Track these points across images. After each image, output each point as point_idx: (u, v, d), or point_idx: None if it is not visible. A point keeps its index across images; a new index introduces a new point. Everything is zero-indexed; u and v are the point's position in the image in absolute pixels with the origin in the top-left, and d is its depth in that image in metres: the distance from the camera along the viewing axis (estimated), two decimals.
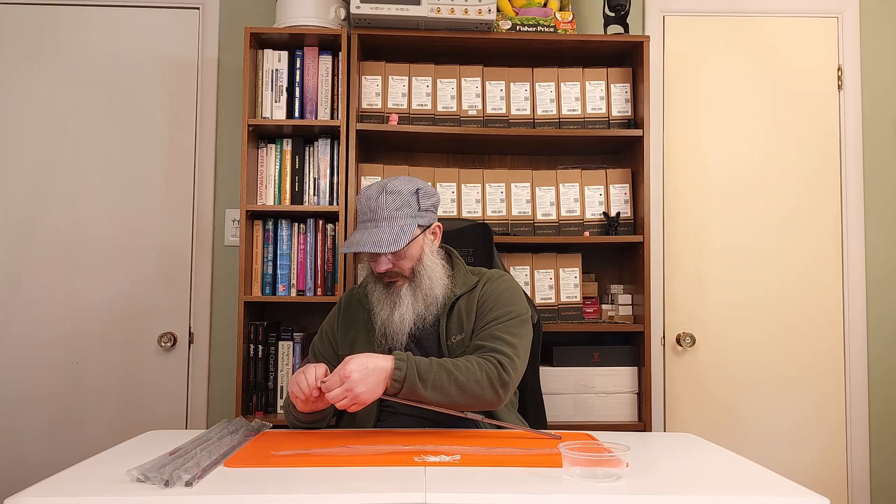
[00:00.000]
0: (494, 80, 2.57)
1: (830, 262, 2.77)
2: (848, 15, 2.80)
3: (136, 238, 2.70)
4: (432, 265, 1.71)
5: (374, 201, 1.65)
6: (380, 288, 1.70)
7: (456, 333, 1.70)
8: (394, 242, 1.61)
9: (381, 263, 1.66)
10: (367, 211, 1.66)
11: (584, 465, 1.20)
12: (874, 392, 2.73)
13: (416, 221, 1.67)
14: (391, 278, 1.68)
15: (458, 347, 1.69)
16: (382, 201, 1.64)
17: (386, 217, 1.64)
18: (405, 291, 1.68)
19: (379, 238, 1.61)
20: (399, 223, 1.64)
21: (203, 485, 1.15)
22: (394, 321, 1.66)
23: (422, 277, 1.68)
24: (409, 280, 1.69)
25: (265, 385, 2.45)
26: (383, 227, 1.63)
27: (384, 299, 1.69)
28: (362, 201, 1.68)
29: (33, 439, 2.64)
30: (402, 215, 1.65)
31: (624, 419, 2.45)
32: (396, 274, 1.68)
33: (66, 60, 2.73)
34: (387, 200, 1.64)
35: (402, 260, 1.67)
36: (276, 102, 2.49)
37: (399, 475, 1.20)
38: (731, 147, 2.79)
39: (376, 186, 1.68)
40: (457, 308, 1.73)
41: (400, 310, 1.66)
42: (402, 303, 1.67)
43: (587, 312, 2.58)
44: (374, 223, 1.64)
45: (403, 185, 1.68)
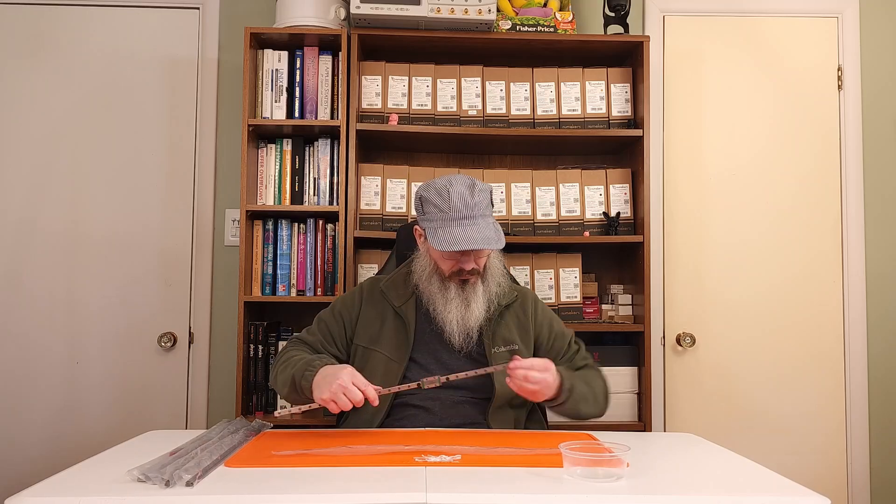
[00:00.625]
0: (494, 80, 2.57)
1: (830, 262, 2.77)
2: (848, 15, 2.80)
3: (135, 238, 2.70)
4: (498, 264, 1.76)
5: (469, 198, 1.64)
6: (452, 287, 1.70)
7: (503, 344, 1.74)
8: (499, 239, 1.64)
9: (469, 261, 1.68)
10: (462, 207, 1.63)
11: (584, 465, 1.20)
12: (874, 392, 2.73)
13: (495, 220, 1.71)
14: (468, 276, 1.69)
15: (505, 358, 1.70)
16: (478, 199, 1.65)
17: (481, 214, 1.65)
18: (479, 289, 1.70)
19: (485, 235, 1.62)
20: (492, 220, 1.67)
21: (203, 485, 1.15)
22: (470, 318, 1.68)
23: (491, 275, 1.73)
24: (482, 278, 1.71)
25: (265, 385, 2.45)
26: (481, 224, 1.64)
27: (456, 297, 1.69)
28: (453, 198, 1.64)
29: (33, 439, 2.64)
30: (490, 212, 1.69)
31: (624, 419, 2.45)
32: (476, 272, 1.69)
33: (66, 60, 2.73)
34: (481, 198, 1.66)
35: (481, 258, 1.70)
36: (276, 102, 2.49)
37: (399, 475, 1.20)
38: (731, 147, 2.79)
39: (462, 183, 1.67)
40: (505, 319, 1.76)
41: (475, 305, 1.69)
42: (477, 300, 1.69)
43: (587, 312, 2.58)
44: (472, 220, 1.64)
45: (482, 183, 1.70)
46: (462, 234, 1.62)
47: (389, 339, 1.74)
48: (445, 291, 1.70)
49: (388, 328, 1.75)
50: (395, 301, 1.76)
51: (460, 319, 1.68)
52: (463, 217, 1.63)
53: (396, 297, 1.77)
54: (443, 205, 1.64)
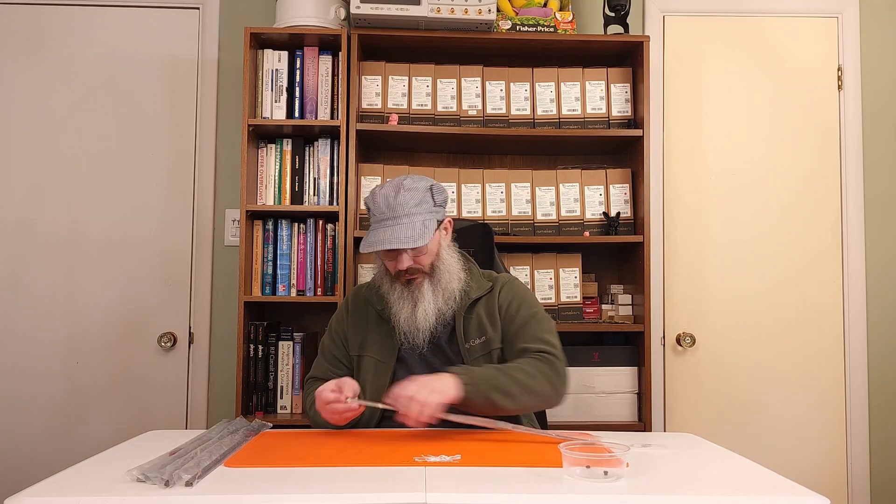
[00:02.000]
0: (494, 80, 2.57)
1: (830, 262, 2.77)
2: (848, 15, 2.80)
3: (135, 238, 2.70)
4: (449, 259, 1.72)
5: (392, 199, 1.64)
6: (398, 286, 1.69)
7: (475, 337, 1.71)
8: (419, 237, 1.62)
9: (402, 261, 1.65)
10: (384, 209, 1.64)
11: (584, 465, 1.20)
12: (874, 392, 2.73)
13: (434, 216, 1.68)
14: (411, 275, 1.68)
15: (479, 350, 1.70)
16: (402, 199, 1.64)
17: (406, 213, 1.64)
18: (426, 287, 1.68)
19: (402, 234, 1.61)
20: (420, 218, 1.64)
21: (203, 485, 1.15)
22: (417, 318, 1.66)
23: (441, 272, 1.69)
24: (429, 276, 1.69)
25: (265, 385, 2.45)
26: (404, 223, 1.63)
27: (405, 297, 1.68)
28: (378, 200, 1.66)
29: (33, 439, 2.64)
30: (420, 211, 1.65)
31: (624, 419, 2.45)
32: (417, 270, 1.67)
33: (66, 60, 2.73)
34: (406, 198, 1.64)
35: (421, 256, 1.67)
36: (276, 102, 2.49)
37: (399, 475, 1.20)
38: (731, 147, 2.79)
39: (391, 185, 1.68)
40: (476, 312, 1.74)
41: (422, 306, 1.66)
42: (424, 298, 1.67)
43: (587, 312, 2.58)
44: (395, 220, 1.63)
45: (418, 182, 1.68)
46: (381, 234, 1.63)
47: (375, 343, 1.74)
48: (393, 291, 1.70)
49: (373, 332, 1.75)
50: (377, 304, 1.76)
51: (407, 318, 1.67)
52: (384, 218, 1.64)
53: (378, 301, 1.76)
54: (372, 207, 1.68)
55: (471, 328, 1.72)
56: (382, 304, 1.74)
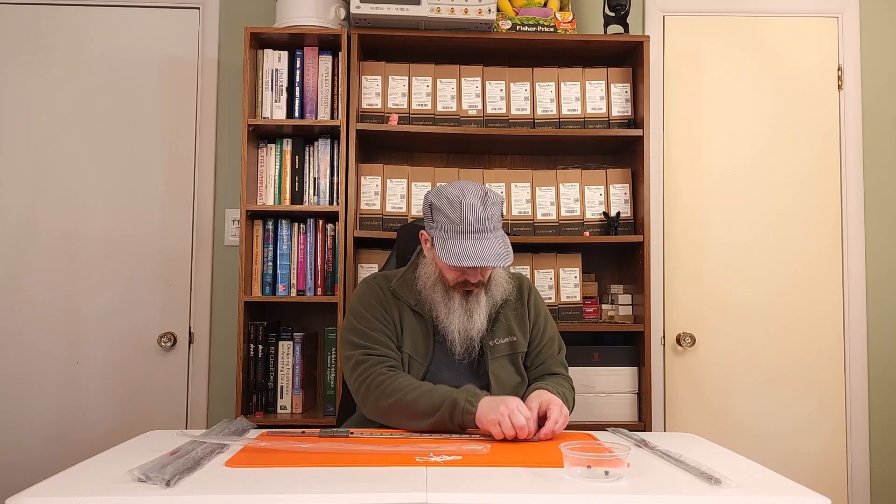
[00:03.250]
0: (494, 80, 2.57)
1: (830, 262, 2.77)
2: (848, 15, 2.80)
3: (136, 238, 2.70)
4: (501, 272, 1.78)
5: (481, 212, 1.62)
6: (457, 296, 1.70)
7: (502, 336, 1.76)
8: (508, 256, 1.64)
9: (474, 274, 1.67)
10: (473, 221, 1.62)
11: (585, 465, 1.20)
12: (874, 392, 2.73)
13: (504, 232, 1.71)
14: (474, 287, 1.70)
15: (505, 350, 1.75)
16: (490, 212, 1.64)
17: (492, 229, 1.65)
18: (482, 299, 1.71)
19: (495, 251, 1.62)
20: (501, 234, 1.67)
21: (203, 485, 1.15)
22: (474, 327, 1.69)
23: (495, 286, 1.74)
24: (486, 288, 1.72)
25: (265, 385, 2.45)
26: (491, 239, 1.63)
27: (459, 307, 1.69)
28: (465, 211, 1.61)
29: (33, 439, 2.64)
30: (500, 226, 1.68)
31: (624, 419, 2.45)
32: (481, 284, 1.70)
33: (66, 60, 2.73)
34: (493, 212, 1.65)
35: (488, 270, 1.71)
36: (276, 102, 2.49)
37: (400, 475, 1.20)
38: (731, 147, 2.79)
39: (475, 195, 1.63)
40: (503, 313, 1.77)
41: (478, 316, 1.69)
42: (480, 310, 1.70)
43: (587, 312, 2.58)
44: (483, 234, 1.63)
45: (494, 195, 1.67)
46: (472, 249, 1.61)
47: (412, 339, 1.73)
48: (449, 301, 1.70)
49: (408, 327, 1.74)
50: (411, 300, 1.75)
51: (462, 329, 1.68)
52: (474, 231, 1.62)
53: (410, 296, 1.76)
54: (454, 216, 1.62)
55: (497, 327, 1.75)
56: (415, 299, 1.74)
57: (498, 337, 1.75)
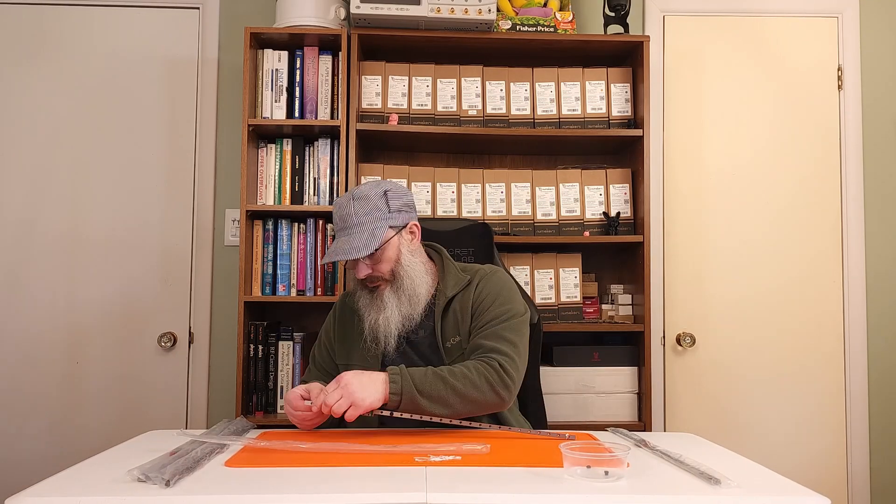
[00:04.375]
0: (494, 80, 2.57)
1: (830, 262, 2.77)
2: (848, 15, 2.80)
3: (135, 238, 2.70)
4: (411, 265, 1.70)
5: (343, 209, 1.66)
6: (365, 294, 1.71)
7: (452, 336, 1.70)
8: (365, 246, 1.61)
9: (360, 269, 1.66)
10: (338, 220, 1.67)
11: (584, 465, 1.20)
12: (874, 392, 2.73)
13: (387, 223, 1.66)
14: (373, 283, 1.69)
15: (456, 350, 1.68)
16: (351, 208, 1.65)
17: (356, 223, 1.64)
18: (388, 294, 1.68)
19: (351, 245, 1.62)
20: (369, 227, 1.64)
21: (203, 485, 1.15)
22: (380, 324, 1.67)
23: (402, 278, 1.68)
24: (391, 283, 1.69)
25: (265, 385, 2.45)
26: (354, 233, 1.64)
27: (370, 304, 1.69)
28: (335, 211, 1.69)
29: (33, 439, 2.64)
30: (371, 219, 1.65)
31: (624, 419, 2.45)
32: (377, 278, 1.68)
33: (66, 60, 2.73)
34: (355, 207, 1.65)
35: (379, 263, 1.67)
36: (276, 102, 2.49)
37: (400, 475, 1.20)
38: (731, 147, 2.79)
39: (346, 195, 1.69)
40: (451, 309, 1.72)
41: (385, 313, 1.67)
42: (387, 306, 1.67)
43: (587, 312, 2.58)
44: (346, 231, 1.65)
45: (371, 189, 1.68)
46: (333, 246, 1.66)
47: (359, 351, 1.74)
48: (360, 299, 1.72)
49: (356, 340, 1.75)
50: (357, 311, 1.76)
51: (373, 325, 1.68)
52: (339, 229, 1.67)
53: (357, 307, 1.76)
54: (333, 217, 1.71)
55: (448, 327, 1.71)
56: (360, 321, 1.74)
57: (450, 338, 1.70)
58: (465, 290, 1.73)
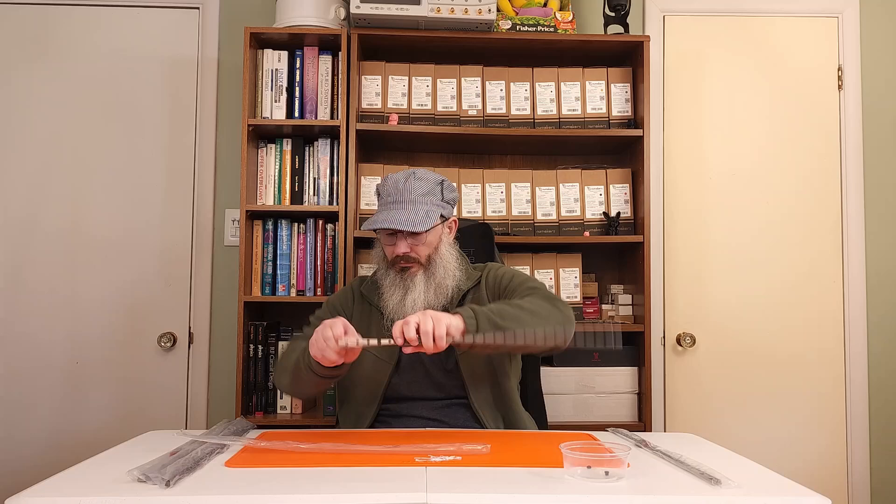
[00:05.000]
0: (494, 80, 2.57)
1: (831, 263, 2.77)
2: (848, 15, 2.80)
3: (136, 238, 2.70)
4: (448, 256, 1.72)
5: (401, 184, 1.67)
6: (392, 273, 1.70)
7: None
8: (420, 223, 1.63)
9: (399, 245, 1.66)
10: (393, 192, 1.67)
11: (584, 466, 1.20)
12: (874, 392, 2.73)
13: (438, 210, 1.69)
14: (407, 263, 1.68)
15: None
16: (411, 185, 1.66)
17: (412, 200, 1.65)
18: (419, 278, 1.68)
19: (406, 217, 1.62)
20: (424, 207, 1.66)
21: (203, 485, 1.15)
22: (405, 306, 1.66)
23: (437, 266, 1.69)
24: (424, 267, 1.69)
25: (265, 385, 2.45)
26: (409, 208, 1.65)
27: (397, 283, 1.68)
28: (388, 184, 1.69)
29: (33, 439, 2.64)
30: (427, 201, 1.67)
31: (624, 419, 2.45)
32: (413, 259, 1.68)
33: (67, 60, 2.73)
34: (414, 185, 1.67)
35: (420, 245, 1.67)
36: (276, 102, 2.49)
37: (400, 475, 1.20)
38: (731, 147, 2.79)
39: (403, 172, 1.71)
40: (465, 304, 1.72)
41: (412, 295, 1.66)
42: (415, 288, 1.67)
43: (587, 312, 2.58)
44: (401, 204, 1.65)
45: (429, 175, 1.71)
46: (383, 215, 1.65)
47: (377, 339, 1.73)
48: (387, 278, 1.71)
49: (374, 327, 1.74)
50: (374, 299, 1.76)
51: (396, 305, 1.67)
52: (391, 201, 1.67)
53: (374, 294, 1.76)
54: (382, 190, 1.71)
55: None
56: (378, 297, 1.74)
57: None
58: (478, 286, 1.76)
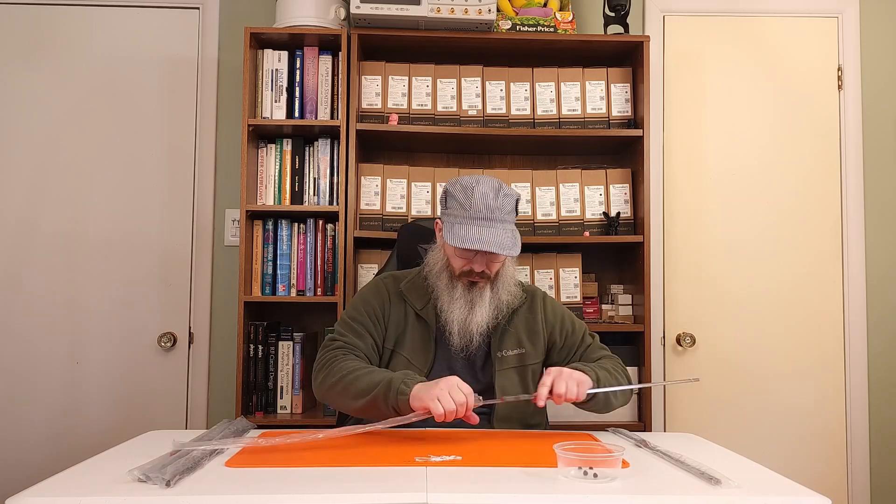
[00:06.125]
0: (494, 80, 2.57)
1: (830, 263, 2.77)
2: (848, 15, 2.80)
3: (135, 238, 2.70)
4: (511, 272, 1.74)
5: (492, 200, 1.62)
6: (460, 286, 1.68)
7: (510, 347, 1.72)
8: (514, 246, 1.62)
9: (477, 263, 1.65)
10: (483, 209, 1.61)
11: (580, 466, 1.20)
12: (874, 392, 2.73)
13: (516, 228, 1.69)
14: (478, 279, 1.67)
15: (513, 361, 1.72)
16: (501, 202, 1.63)
17: (502, 219, 1.63)
18: (486, 294, 1.67)
19: (500, 239, 1.60)
20: (511, 227, 1.66)
21: (203, 485, 1.15)
22: (473, 321, 1.66)
23: (502, 282, 1.70)
24: (492, 283, 1.69)
25: (265, 385, 2.45)
26: (499, 228, 1.62)
27: (461, 297, 1.67)
28: (476, 197, 1.61)
29: (33, 439, 2.64)
30: (512, 219, 1.67)
31: (624, 419, 2.45)
32: (485, 276, 1.67)
33: (66, 60, 2.73)
34: (504, 203, 1.64)
35: (496, 263, 1.67)
36: (276, 102, 2.49)
37: (400, 475, 1.20)
38: (731, 147, 2.79)
39: (488, 185, 1.64)
40: (514, 323, 1.74)
41: (480, 310, 1.66)
42: (483, 304, 1.66)
43: (587, 312, 2.58)
44: (490, 223, 1.62)
45: (512, 191, 1.68)
46: (477, 233, 1.60)
47: (412, 343, 1.71)
48: (452, 290, 1.68)
49: (410, 331, 1.72)
50: (417, 304, 1.73)
51: (461, 320, 1.66)
52: (482, 218, 1.61)
53: (417, 299, 1.74)
54: (465, 202, 1.62)
55: (506, 338, 1.72)
56: (422, 303, 1.72)
57: (506, 348, 1.71)
58: (528, 307, 1.79)
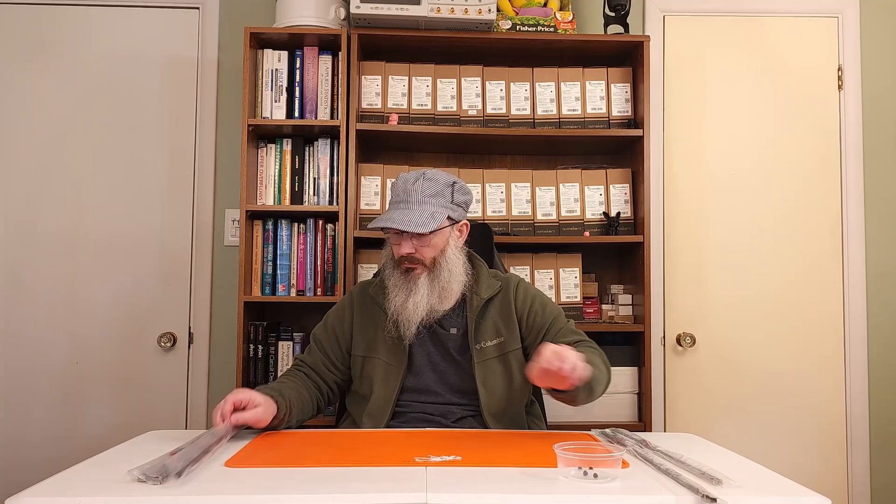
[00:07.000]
0: (494, 80, 2.57)
1: (831, 263, 2.77)
2: (848, 15, 2.80)
3: (136, 238, 2.70)
4: (454, 260, 1.71)
5: (410, 184, 1.67)
6: (397, 274, 1.70)
7: (489, 338, 1.72)
8: (423, 224, 1.62)
9: (403, 246, 1.66)
10: (401, 193, 1.67)
11: (580, 466, 1.20)
12: (874, 392, 2.73)
13: (447, 212, 1.68)
14: (411, 264, 1.68)
15: (493, 352, 1.71)
16: (419, 185, 1.66)
17: (419, 201, 1.65)
18: (422, 280, 1.67)
19: (410, 218, 1.62)
20: (430, 209, 1.65)
21: (203, 485, 1.15)
22: (407, 308, 1.66)
23: (441, 269, 1.68)
24: (429, 270, 1.68)
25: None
26: (415, 209, 1.64)
27: (400, 285, 1.68)
28: (398, 184, 1.70)
29: (33, 439, 2.64)
30: (434, 202, 1.66)
31: (624, 419, 2.45)
32: (417, 261, 1.67)
33: (66, 61, 2.73)
34: (423, 185, 1.66)
35: (425, 247, 1.67)
36: (276, 102, 2.49)
37: (400, 475, 1.20)
38: (731, 147, 2.79)
39: (414, 172, 1.71)
40: (489, 314, 1.73)
41: (414, 297, 1.66)
42: (418, 291, 1.66)
43: (587, 312, 2.58)
44: (407, 205, 1.65)
45: (441, 176, 1.70)
46: (389, 214, 1.65)
47: (386, 343, 1.72)
48: (391, 278, 1.71)
49: (381, 333, 1.73)
50: (382, 302, 1.75)
51: (398, 306, 1.67)
52: (400, 200, 1.67)
53: (384, 299, 1.74)
54: (392, 190, 1.72)
55: (484, 330, 1.72)
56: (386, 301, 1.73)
57: (484, 340, 1.71)
58: (503, 295, 1.76)
